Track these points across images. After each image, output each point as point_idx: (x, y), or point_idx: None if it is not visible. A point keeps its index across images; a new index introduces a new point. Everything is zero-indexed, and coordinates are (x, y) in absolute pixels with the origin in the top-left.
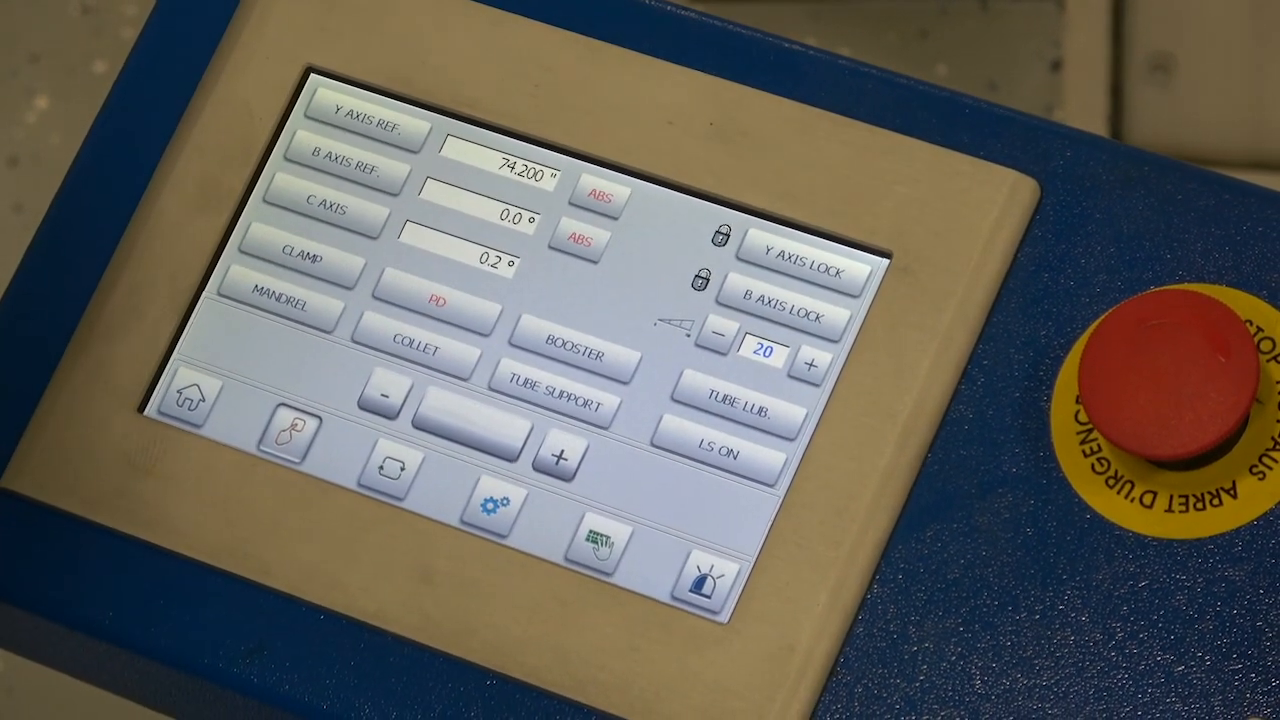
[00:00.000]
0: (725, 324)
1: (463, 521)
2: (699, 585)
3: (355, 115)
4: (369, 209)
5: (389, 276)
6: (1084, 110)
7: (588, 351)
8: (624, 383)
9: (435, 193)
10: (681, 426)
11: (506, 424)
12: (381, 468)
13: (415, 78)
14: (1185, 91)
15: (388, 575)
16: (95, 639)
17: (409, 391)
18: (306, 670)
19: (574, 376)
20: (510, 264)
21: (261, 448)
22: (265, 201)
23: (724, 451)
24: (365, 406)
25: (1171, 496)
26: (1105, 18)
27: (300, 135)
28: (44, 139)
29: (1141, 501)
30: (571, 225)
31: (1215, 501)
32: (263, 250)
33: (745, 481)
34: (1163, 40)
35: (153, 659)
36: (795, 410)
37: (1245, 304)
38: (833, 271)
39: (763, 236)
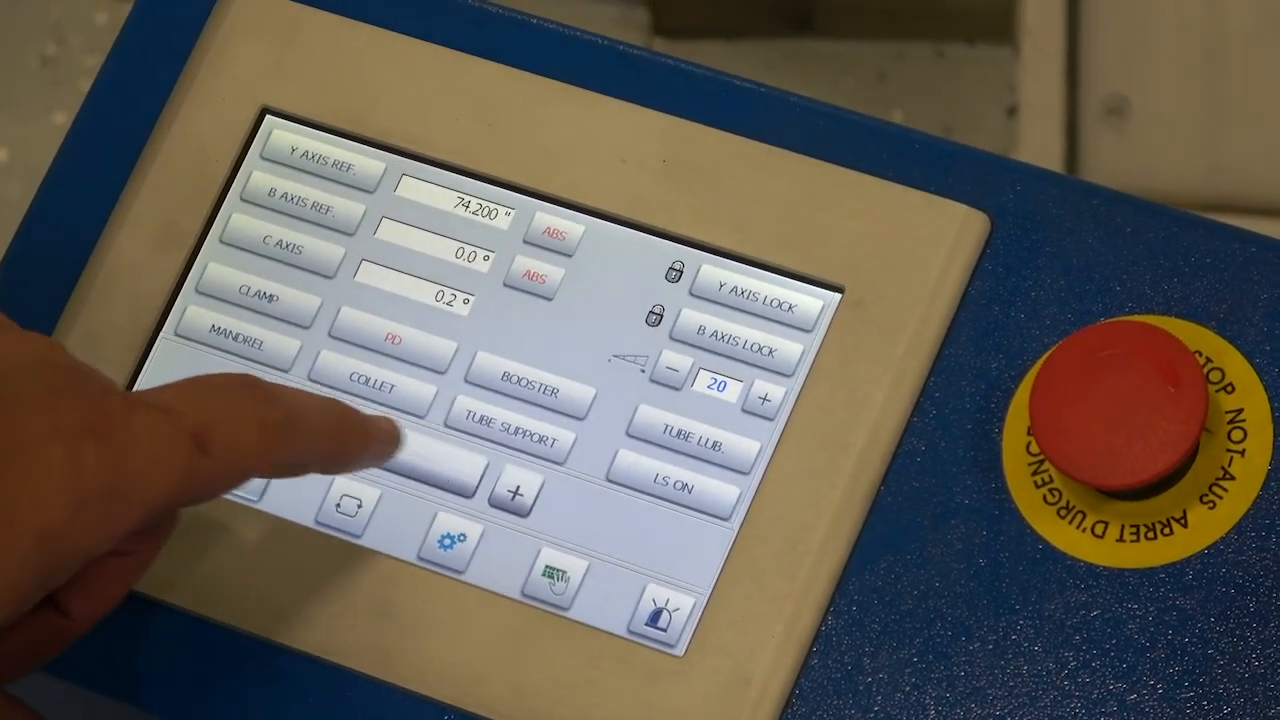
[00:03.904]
0: (679, 359)
1: (420, 558)
2: (655, 619)
3: (310, 156)
4: (325, 249)
5: (345, 316)
6: (1040, 154)
7: (543, 388)
8: (579, 418)
9: (390, 232)
10: (636, 461)
11: (463, 460)
12: (339, 505)
13: (370, 118)
14: (1140, 134)
15: (345, 611)
16: (48, 675)
17: None
18: (264, 707)
19: (529, 413)
20: (465, 302)
21: None
22: (222, 242)
23: (679, 486)
24: None
25: (1123, 526)
26: (1060, 62)
27: (256, 176)
28: (3, 190)
29: (1093, 531)
30: (526, 263)
31: (1166, 531)
32: (219, 290)
33: (700, 515)
34: (1117, 84)
35: (105, 695)
36: (749, 444)
37: (1193, 334)
38: (785, 306)
39: (715, 272)
